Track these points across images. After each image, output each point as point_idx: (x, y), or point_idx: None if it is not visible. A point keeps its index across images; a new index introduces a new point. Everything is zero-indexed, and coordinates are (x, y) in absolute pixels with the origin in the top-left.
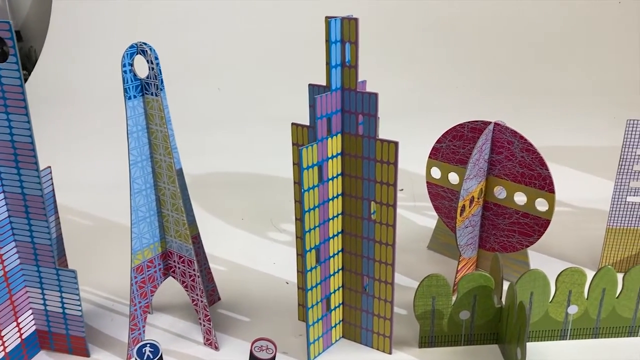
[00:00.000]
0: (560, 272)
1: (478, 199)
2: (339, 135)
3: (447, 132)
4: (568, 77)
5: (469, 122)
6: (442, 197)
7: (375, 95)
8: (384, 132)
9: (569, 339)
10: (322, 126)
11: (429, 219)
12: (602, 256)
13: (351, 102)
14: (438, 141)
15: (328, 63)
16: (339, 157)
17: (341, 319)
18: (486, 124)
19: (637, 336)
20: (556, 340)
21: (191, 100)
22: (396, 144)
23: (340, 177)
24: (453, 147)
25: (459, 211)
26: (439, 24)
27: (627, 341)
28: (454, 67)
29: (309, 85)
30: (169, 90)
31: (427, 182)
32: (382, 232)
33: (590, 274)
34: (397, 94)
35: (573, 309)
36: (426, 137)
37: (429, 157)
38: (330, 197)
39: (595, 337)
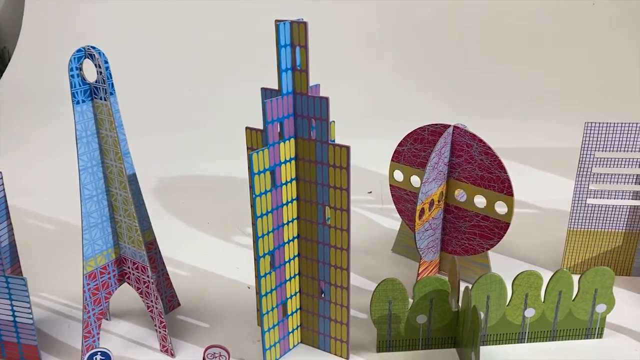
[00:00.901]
0: (517, 276)
1: (439, 202)
2: (292, 140)
3: (408, 135)
4: (534, 79)
5: (429, 125)
6: (405, 200)
7: (326, 99)
8: (357, 133)
9: (527, 342)
10: (273, 131)
11: (396, 222)
12: (564, 258)
13: (303, 106)
14: (400, 144)
15: (279, 67)
16: (293, 161)
17: (299, 324)
18: (446, 127)
19: (593, 338)
20: (514, 343)
21: (162, 103)
22: (348, 148)
23: (294, 182)
24: (414, 150)
25: (417, 214)
26: (415, 25)
27: (583, 343)
28: (425, 69)
29: (262, 89)
30: (138, 92)
31: (390, 185)
32: (337, 236)
33: (547, 277)
34: (371, 96)
35: (530, 312)
36: (398, 139)
37: (392, 160)
38: (285, 202)
39: (552, 340)
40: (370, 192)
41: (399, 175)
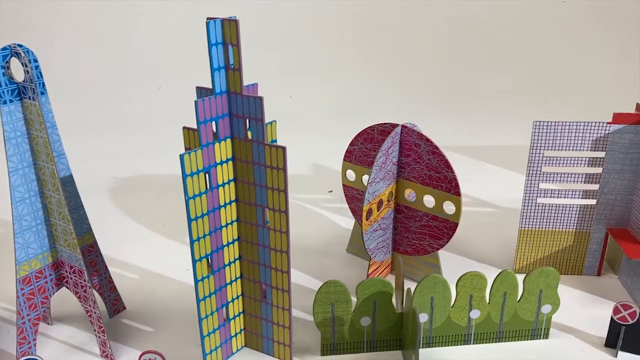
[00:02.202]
0: (460, 277)
1: (388, 201)
2: (228, 140)
3: (358, 134)
4: (501, 78)
5: (378, 124)
6: (357, 199)
7: (260, 99)
8: (324, 132)
9: (473, 344)
10: (206, 131)
11: (353, 222)
12: (516, 258)
13: (238, 106)
14: (351, 143)
15: (211, 65)
16: (230, 162)
17: (242, 327)
18: (395, 126)
19: (540, 339)
20: (460, 344)
21: (118, 103)
22: (284, 148)
23: (232, 183)
24: (365, 149)
25: (364, 215)
26: (384, 25)
27: (529, 344)
28: (396, 68)
29: (197, 87)
30: (89, 93)
31: (343, 185)
32: (276, 239)
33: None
34: (335, 95)
35: (475, 314)
36: None
37: (344, 159)
38: (222, 204)
39: (498, 341)
40: (331, 191)
41: (351, 175)
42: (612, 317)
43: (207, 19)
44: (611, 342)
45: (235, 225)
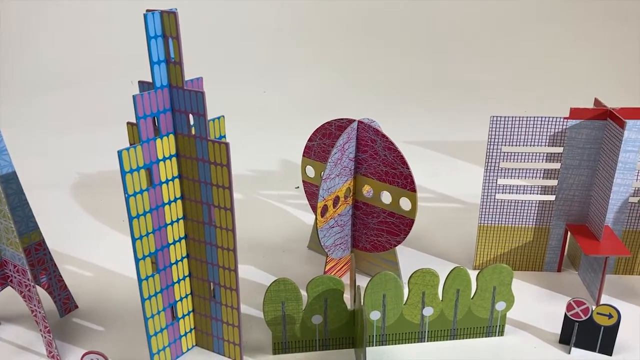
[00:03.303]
0: (412, 274)
1: (346, 198)
2: (171, 136)
3: (317, 130)
4: (469, 73)
5: (335, 119)
6: (317, 195)
7: (202, 93)
8: (292, 127)
9: (427, 341)
10: (146, 126)
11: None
12: (476, 254)
13: (180, 101)
14: (310, 139)
15: (150, 59)
16: (174, 158)
17: (193, 326)
18: (351, 121)
19: (495, 336)
20: (414, 342)
21: (78, 99)
22: (227, 145)
23: (177, 180)
24: (323, 145)
25: (319, 211)
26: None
27: (484, 341)
28: (366, 64)
29: (139, 82)
30: (53, 88)
31: (303, 181)
32: (223, 236)
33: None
34: (310, 90)
35: (428, 311)
36: None
37: (303, 155)
38: (166, 201)
39: (453, 339)
40: (298, 187)
41: (310, 171)
42: (565, 314)
43: (147, 10)
44: (565, 338)
45: (181, 223)
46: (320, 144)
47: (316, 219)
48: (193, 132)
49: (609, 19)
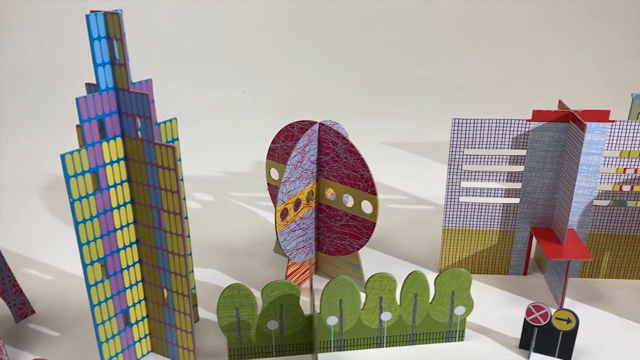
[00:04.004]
0: (368, 279)
1: (308, 201)
2: (119, 139)
3: (280, 132)
4: (445, 74)
5: (297, 122)
6: None
7: (147, 95)
8: (268, 128)
9: (386, 346)
10: (91, 129)
11: None
12: (441, 258)
13: (126, 103)
14: (273, 141)
15: (94, 61)
16: (122, 162)
17: (148, 332)
18: (313, 123)
19: (454, 341)
20: (373, 347)
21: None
22: (173, 148)
23: (126, 184)
24: (286, 147)
25: (278, 215)
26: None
27: (444, 346)
28: (337, 65)
29: (86, 84)
30: (37, 87)
31: (267, 184)
32: (173, 242)
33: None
34: (288, 91)
35: (386, 316)
36: None
37: (267, 157)
38: (115, 205)
39: (413, 344)
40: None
41: (274, 173)
42: (525, 319)
43: (90, 11)
44: (525, 343)
45: (132, 228)
46: (283, 146)
47: (276, 222)
48: (140, 135)
49: (591, 18)
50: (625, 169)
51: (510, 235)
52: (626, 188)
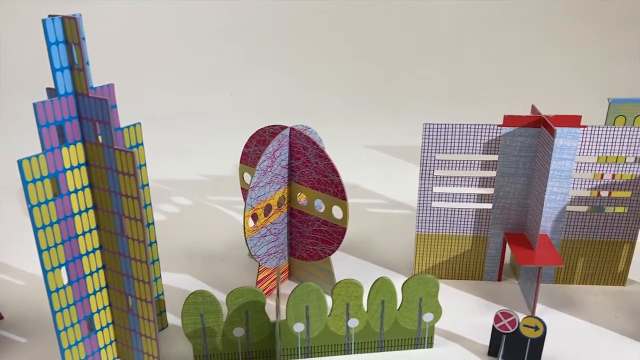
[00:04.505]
0: (335, 285)
1: (279, 206)
2: (79, 144)
3: (252, 136)
4: (431, 79)
5: (269, 126)
6: None
7: (105, 100)
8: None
9: (354, 353)
10: (50, 135)
11: None
12: (415, 263)
13: (86, 108)
14: (246, 145)
15: (52, 66)
16: (84, 167)
17: (114, 338)
18: (284, 128)
19: (423, 348)
20: (341, 354)
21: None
22: (132, 153)
23: (88, 189)
24: (259, 151)
25: (247, 221)
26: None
27: (413, 353)
28: (323, 68)
29: (47, 89)
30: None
31: (241, 188)
32: (135, 248)
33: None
34: (274, 94)
35: (354, 323)
36: None
37: (240, 162)
38: (76, 211)
39: (381, 350)
40: None
41: (248, 178)
42: (493, 326)
43: (49, 15)
44: (493, 351)
45: (95, 234)
46: (255, 151)
47: (244, 227)
48: (100, 140)
49: (576, 21)
50: (602, 174)
51: (483, 241)
52: (604, 194)
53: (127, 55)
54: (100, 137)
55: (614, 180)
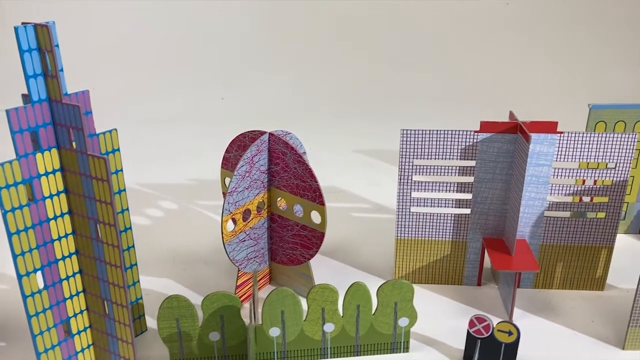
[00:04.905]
0: (310, 290)
1: (259, 211)
2: (54, 150)
3: (232, 141)
4: (421, 83)
5: (249, 131)
6: None
7: (77, 107)
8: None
9: (331, 358)
10: (23, 141)
11: None
12: (395, 268)
13: (60, 115)
14: (226, 151)
15: (25, 73)
16: (59, 173)
17: (91, 342)
18: (263, 133)
19: (399, 352)
20: (317, 359)
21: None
22: (105, 160)
23: (63, 195)
24: (239, 156)
25: (224, 225)
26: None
27: (389, 358)
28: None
29: (22, 95)
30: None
31: (223, 193)
32: (110, 253)
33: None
34: (265, 98)
35: (329, 327)
36: None
37: (221, 166)
38: (52, 216)
39: (357, 355)
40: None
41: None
42: (468, 330)
43: (22, 23)
44: (468, 355)
45: (71, 238)
46: (236, 156)
47: (222, 232)
48: (75, 146)
49: (567, 26)
50: (584, 180)
51: (462, 246)
52: (585, 199)
53: (123, 58)
54: (74, 143)
55: (591, 186)
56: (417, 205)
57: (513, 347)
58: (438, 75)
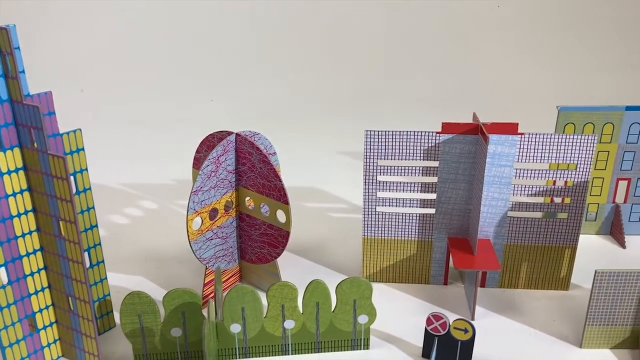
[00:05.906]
0: (269, 287)
1: (227, 210)
2: (17, 149)
3: (202, 141)
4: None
5: (217, 132)
6: None
7: (36, 108)
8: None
9: (292, 354)
10: None
11: None
12: (363, 267)
13: (22, 115)
14: (197, 151)
15: None
16: (22, 171)
17: (58, 337)
18: (230, 134)
19: (360, 349)
20: (279, 355)
21: None
22: (64, 159)
23: (27, 193)
24: None
25: (190, 224)
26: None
27: (349, 355)
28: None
29: None
30: None
31: None
32: (71, 249)
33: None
34: (257, 100)
35: (290, 324)
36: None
37: (193, 167)
38: (15, 213)
39: (318, 352)
40: None
41: None
42: (425, 328)
43: None
44: (426, 352)
45: (35, 235)
46: (206, 156)
47: (187, 231)
48: (36, 145)
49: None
50: (554, 181)
51: (428, 245)
52: (548, 200)
53: (115, 59)
54: (35, 143)
55: (552, 187)
56: (383, 205)
57: (469, 344)
58: (428, 76)
